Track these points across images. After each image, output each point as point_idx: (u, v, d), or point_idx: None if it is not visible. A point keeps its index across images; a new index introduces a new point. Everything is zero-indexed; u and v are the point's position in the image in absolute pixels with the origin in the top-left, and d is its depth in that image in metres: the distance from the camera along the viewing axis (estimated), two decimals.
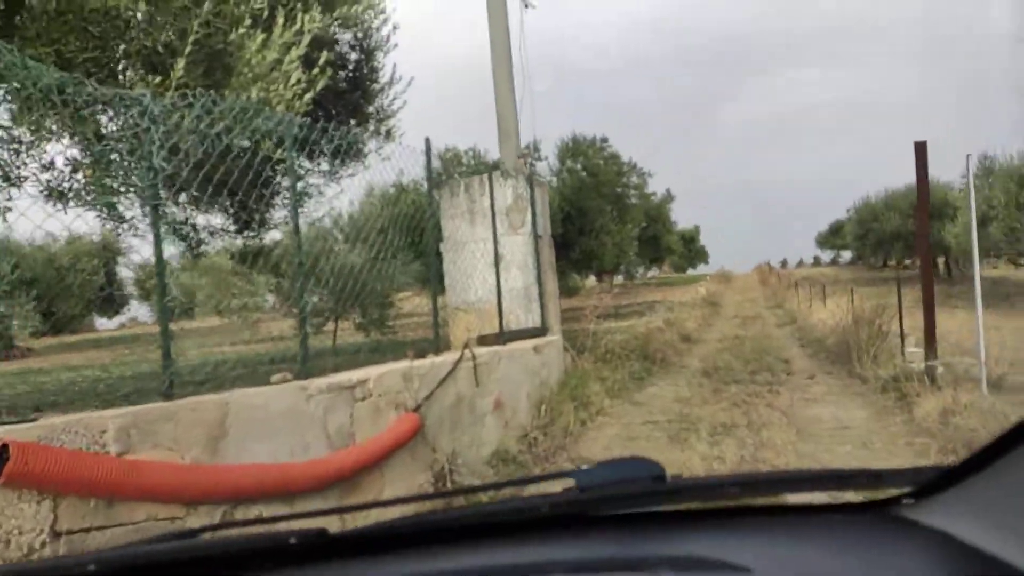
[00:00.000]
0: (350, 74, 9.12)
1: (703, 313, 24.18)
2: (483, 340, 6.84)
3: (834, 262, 78.21)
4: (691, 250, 77.93)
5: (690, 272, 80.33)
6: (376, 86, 9.42)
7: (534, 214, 8.33)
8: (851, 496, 1.18)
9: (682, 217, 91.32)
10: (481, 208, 7.93)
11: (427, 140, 5.95)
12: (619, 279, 53.04)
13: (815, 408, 6.80)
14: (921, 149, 6.56)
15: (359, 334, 12.88)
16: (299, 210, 4.68)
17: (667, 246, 42.97)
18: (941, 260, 42.09)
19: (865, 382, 7.77)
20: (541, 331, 8.08)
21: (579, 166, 22.36)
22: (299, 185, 6.26)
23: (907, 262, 50.36)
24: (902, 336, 8.25)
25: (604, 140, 23.13)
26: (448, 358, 5.45)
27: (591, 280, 47.52)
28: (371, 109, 9.43)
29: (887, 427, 5.91)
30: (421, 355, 5.40)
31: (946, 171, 31.46)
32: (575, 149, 22.32)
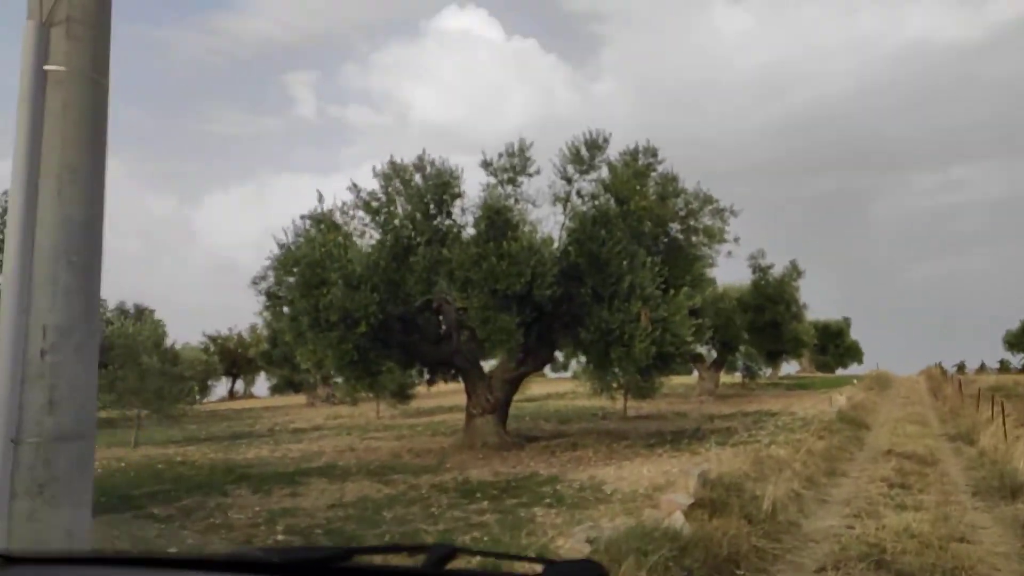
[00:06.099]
0: None
1: (828, 447, 13.87)
2: None
3: None
4: (838, 346, 64.49)
5: (840, 372, 66.03)
6: None
7: None
8: None
9: (824, 309, 78.07)
10: None
11: None
12: (736, 375, 41.77)
13: None
14: None
15: None
16: None
17: (793, 336, 31.88)
18: None
19: None
20: None
21: (599, 187, 13.37)
22: None
23: None
24: None
25: (653, 154, 14.09)
26: None
27: (690, 375, 36.79)
28: None
29: None
30: None
31: None
32: (590, 159, 13.40)
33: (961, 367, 62.30)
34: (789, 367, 58.16)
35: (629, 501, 7.54)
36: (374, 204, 13.60)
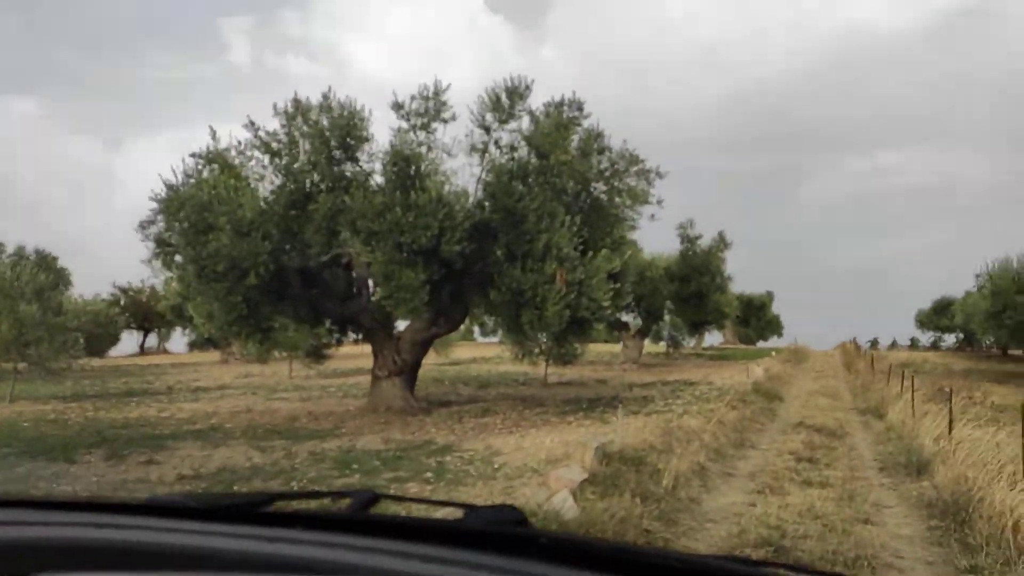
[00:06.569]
0: None
1: (740, 418, 13.64)
2: None
3: (935, 346, 64.66)
4: (760, 319, 66.16)
5: (760, 345, 67.82)
6: None
7: None
8: None
9: (749, 283, 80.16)
10: None
11: None
12: (662, 345, 42.02)
13: None
14: None
15: None
16: None
17: (716, 307, 32.05)
18: None
19: None
20: None
21: (519, 139, 12.54)
22: None
23: None
24: None
25: (579, 107, 13.28)
26: None
27: (617, 343, 36.76)
28: None
29: None
30: None
31: None
32: (511, 107, 12.53)
33: (874, 343, 64.59)
34: (713, 338, 59.26)
35: (516, 477, 6.88)
36: (274, 145, 12.40)
